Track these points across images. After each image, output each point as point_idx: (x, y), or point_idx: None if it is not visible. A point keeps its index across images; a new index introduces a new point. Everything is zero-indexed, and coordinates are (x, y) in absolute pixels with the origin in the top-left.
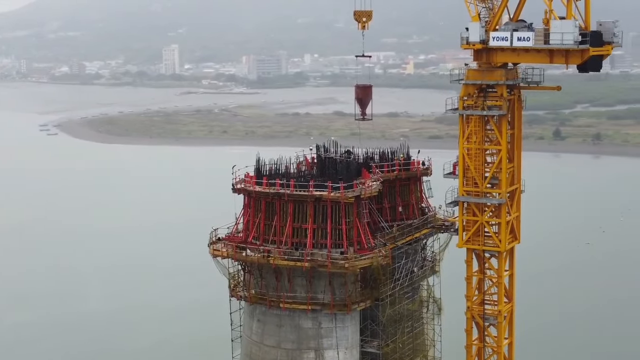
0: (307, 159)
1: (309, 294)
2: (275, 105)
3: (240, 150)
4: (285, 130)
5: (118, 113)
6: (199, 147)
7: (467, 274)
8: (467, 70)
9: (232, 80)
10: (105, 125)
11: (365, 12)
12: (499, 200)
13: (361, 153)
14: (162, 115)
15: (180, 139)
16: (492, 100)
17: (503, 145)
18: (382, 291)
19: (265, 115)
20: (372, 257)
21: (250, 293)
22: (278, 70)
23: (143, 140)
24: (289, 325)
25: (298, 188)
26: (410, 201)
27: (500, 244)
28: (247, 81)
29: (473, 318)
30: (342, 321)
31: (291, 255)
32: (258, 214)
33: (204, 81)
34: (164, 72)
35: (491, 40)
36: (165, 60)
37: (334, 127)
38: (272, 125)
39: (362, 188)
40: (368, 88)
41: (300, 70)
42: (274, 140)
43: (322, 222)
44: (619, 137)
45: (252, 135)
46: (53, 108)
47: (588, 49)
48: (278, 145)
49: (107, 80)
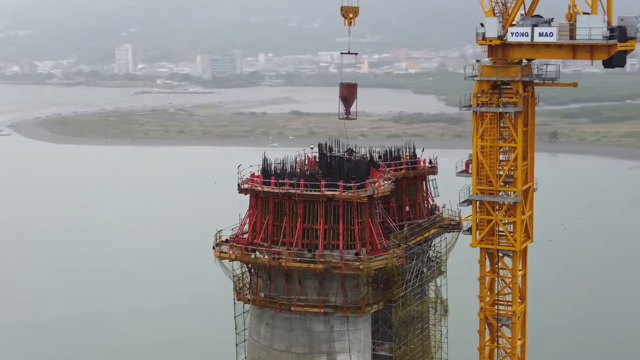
0: (310, 159)
1: (321, 296)
2: (231, 104)
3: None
4: (243, 130)
5: (72, 113)
6: (156, 147)
7: (481, 274)
8: (480, 66)
9: (187, 80)
10: (60, 126)
11: (352, 8)
12: (514, 199)
13: (363, 152)
14: (117, 115)
15: (137, 139)
16: (507, 97)
17: (519, 143)
18: (395, 292)
19: (222, 115)
20: (387, 258)
21: (258, 296)
22: (233, 70)
23: (99, 140)
24: (300, 329)
25: (309, 188)
26: (417, 200)
27: (515, 244)
28: (202, 81)
29: (486, 319)
30: (354, 324)
31: (303, 256)
32: (266, 214)
33: (158, 81)
34: (117, 72)
35: (510, 35)
36: (119, 59)
37: (291, 127)
38: (229, 125)
39: (374, 187)
40: (353, 86)
41: (254, 69)
42: (231, 140)
43: (334, 222)
44: (574, 136)
45: (209, 135)
46: (5, 108)
47: (616, 44)
48: (236, 145)
49: (60, 80)
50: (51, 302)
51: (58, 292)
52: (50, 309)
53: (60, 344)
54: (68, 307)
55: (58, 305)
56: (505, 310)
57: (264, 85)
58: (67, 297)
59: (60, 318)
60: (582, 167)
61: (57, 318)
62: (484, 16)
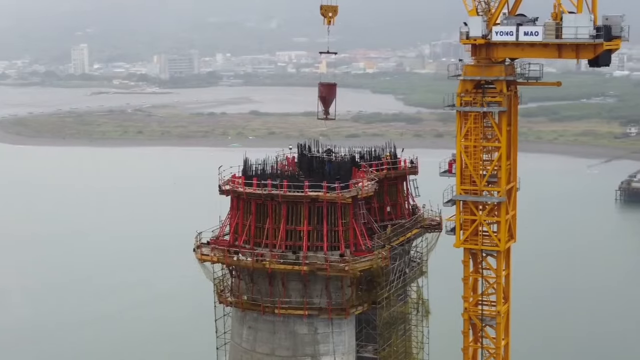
0: (289, 159)
1: (305, 298)
2: (190, 105)
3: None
4: (202, 130)
5: (28, 114)
6: (114, 148)
7: (465, 274)
8: (464, 66)
9: (144, 80)
10: (16, 127)
11: (332, 6)
12: (499, 199)
13: (342, 152)
14: (74, 115)
15: (95, 139)
16: (491, 97)
17: (503, 142)
18: (380, 294)
19: (180, 115)
20: (372, 259)
21: (241, 299)
22: (190, 70)
23: (56, 141)
24: (284, 332)
25: (292, 189)
26: (399, 201)
27: (499, 243)
28: (159, 81)
29: (470, 319)
30: (338, 326)
31: (287, 258)
32: (248, 216)
33: (114, 81)
34: (73, 72)
35: (494, 35)
36: (74, 59)
37: (251, 127)
38: (188, 125)
39: (358, 188)
40: (332, 86)
41: (212, 69)
42: (191, 140)
43: (318, 223)
44: (532, 135)
45: (168, 136)
46: None
47: (602, 44)
48: (195, 146)
49: (15, 80)
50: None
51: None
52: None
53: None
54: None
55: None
56: (489, 310)
57: (222, 86)
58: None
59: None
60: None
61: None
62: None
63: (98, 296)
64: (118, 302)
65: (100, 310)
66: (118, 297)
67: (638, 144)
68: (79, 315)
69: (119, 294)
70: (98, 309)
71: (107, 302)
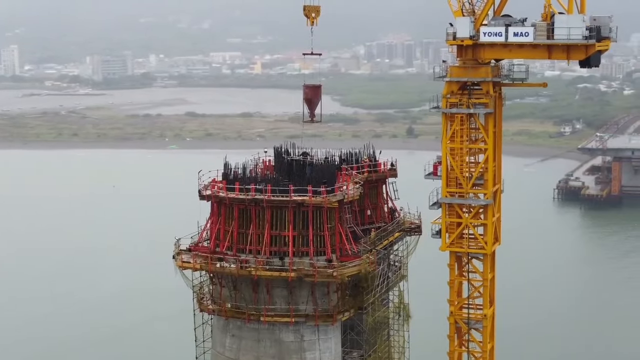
0: (266, 162)
1: (291, 305)
2: (125, 106)
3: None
4: (139, 132)
5: None
6: (49, 151)
7: (450, 277)
8: (449, 67)
9: (77, 82)
10: None
11: (315, 7)
12: (486, 201)
13: (319, 155)
14: (6, 118)
15: (29, 142)
16: (477, 98)
17: (489, 144)
18: (366, 299)
19: (116, 117)
20: (360, 264)
21: (224, 307)
22: (124, 71)
23: None
24: (269, 340)
25: (277, 193)
26: (379, 203)
27: (486, 246)
28: (93, 82)
29: (456, 323)
30: (325, 333)
31: (272, 265)
32: (230, 222)
33: (46, 82)
34: (3, 74)
35: (482, 35)
36: (4, 61)
37: (188, 128)
38: (124, 127)
39: (344, 192)
40: (317, 88)
41: (146, 70)
42: (128, 142)
43: (303, 228)
44: None
45: (104, 138)
46: None
47: (594, 44)
48: (133, 148)
49: None
50: None
51: None
52: None
53: None
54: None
55: None
56: (475, 313)
57: (156, 87)
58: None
59: None
60: None
61: None
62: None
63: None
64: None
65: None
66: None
67: (572, 143)
68: None
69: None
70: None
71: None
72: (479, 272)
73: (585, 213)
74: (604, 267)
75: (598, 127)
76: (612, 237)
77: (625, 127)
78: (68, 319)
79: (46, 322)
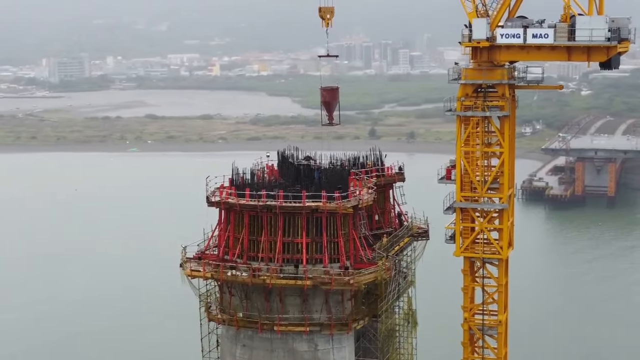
0: (269, 167)
1: (305, 314)
2: (83, 109)
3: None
4: (99, 135)
5: None
6: (7, 155)
7: (465, 283)
8: (463, 69)
9: (33, 84)
10: None
11: (329, 8)
12: (501, 205)
13: (321, 159)
14: None
15: None
16: (492, 101)
17: (505, 148)
18: (380, 306)
19: (74, 120)
20: (376, 271)
21: (235, 316)
22: (81, 73)
23: None
24: (282, 349)
25: (290, 199)
26: (387, 208)
27: (502, 251)
28: (49, 84)
29: (470, 329)
30: (339, 342)
31: (285, 272)
32: (240, 229)
33: (2, 85)
34: None
35: (499, 37)
36: None
37: (148, 131)
38: (84, 130)
39: (358, 197)
40: (335, 90)
41: (103, 72)
42: (88, 145)
43: (317, 235)
44: (430, 135)
45: (63, 141)
46: None
47: (616, 46)
48: (94, 151)
49: None
50: None
51: None
52: None
53: None
54: None
55: None
56: (490, 319)
57: (114, 89)
58: None
59: None
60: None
61: None
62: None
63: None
64: None
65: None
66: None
67: (534, 143)
68: None
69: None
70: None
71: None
72: (494, 278)
73: (550, 213)
74: (568, 266)
75: (558, 127)
76: (576, 236)
77: (586, 127)
78: None
79: None
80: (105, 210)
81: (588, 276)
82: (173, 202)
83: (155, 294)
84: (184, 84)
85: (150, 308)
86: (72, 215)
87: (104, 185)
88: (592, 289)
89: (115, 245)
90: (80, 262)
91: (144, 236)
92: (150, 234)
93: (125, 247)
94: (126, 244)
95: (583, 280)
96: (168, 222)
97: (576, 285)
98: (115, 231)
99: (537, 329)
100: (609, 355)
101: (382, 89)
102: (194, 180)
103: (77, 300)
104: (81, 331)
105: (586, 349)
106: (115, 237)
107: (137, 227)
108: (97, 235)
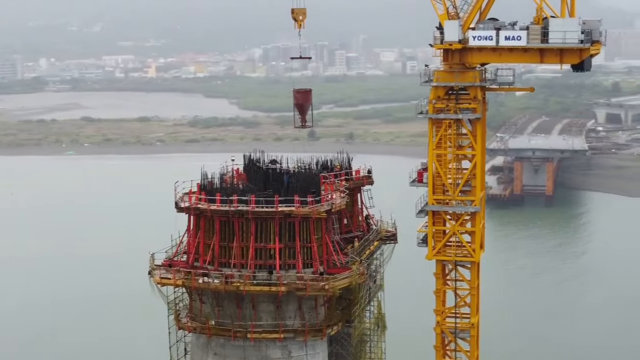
0: (236, 171)
1: (279, 320)
2: (16, 111)
3: None
4: (34, 138)
5: None
6: None
7: (437, 287)
8: (435, 71)
9: None
10: None
11: (302, 10)
12: (474, 208)
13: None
14: None
15: None
16: (464, 103)
17: (478, 150)
18: (353, 311)
19: (7, 123)
20: (351, 275)
21: (207, 324)
22: (13, 75)
23: None
24: (255, 357)
25: (262, 204)
26: (355, 212)
27: (474, 254)
28: None
29: (442, 333)
30: (312, 348)
31: (258, 279)
32: (211, 234)
33: None
34: None
35: (471, 39)
36: None
37: (85, 134)
38: (18, 133)
39: (331, 201)
40: (308, 92)
41: (37, 74)
42: (23, 149)
43: (290, 240)
44: (369, 136)
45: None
46: None
47: (588, 48)
48: (28, 154)
49: None
50: None
51: None
52: None
53: None
54: None
55: None
56: (462, 322)
57: (48, 91)
58: None
59: None
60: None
61: None
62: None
63: None
64: None
65: None
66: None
67: None
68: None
69: None
70: None
71: None
72: (466, 280)
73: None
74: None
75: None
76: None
77: (523, 127)
78: None
79: None
80: (48, 215)
81: (525, 272)
82: (122, 206)
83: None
84: (119, 85)
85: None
86: (9, 221)
87: (43, 190)
88: (528, 284)
89: (62, 250)
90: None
91: (90, 242)
92: (95, 240)
93: (75, 252)
94: (76, 249)
95: (520, 278)
96: (116, 227)
97: (515, 284)
98: (59, 236)
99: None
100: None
101: (319, 90)
102: (138, 183)
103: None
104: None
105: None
106: (61, 243)
107: (81, 232)
108: (43, 241)
